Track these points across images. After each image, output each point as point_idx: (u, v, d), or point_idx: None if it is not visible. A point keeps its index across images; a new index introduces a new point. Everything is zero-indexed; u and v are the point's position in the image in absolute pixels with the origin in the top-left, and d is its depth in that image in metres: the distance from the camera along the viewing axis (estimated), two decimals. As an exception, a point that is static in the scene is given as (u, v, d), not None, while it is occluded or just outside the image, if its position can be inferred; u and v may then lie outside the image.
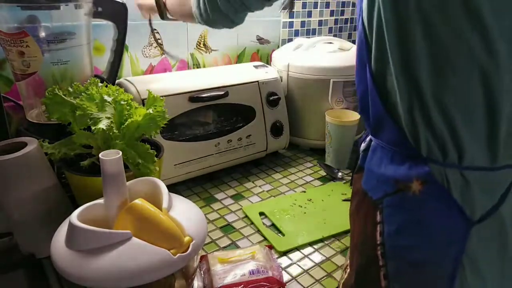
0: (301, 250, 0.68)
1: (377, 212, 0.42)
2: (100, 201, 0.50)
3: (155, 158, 0.57)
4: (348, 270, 0.49)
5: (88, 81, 0.60)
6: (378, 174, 0.42)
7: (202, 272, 0.60)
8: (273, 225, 0.75)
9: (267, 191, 0.87)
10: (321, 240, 0.71)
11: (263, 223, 0.75)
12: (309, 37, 1.28)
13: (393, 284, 0.42)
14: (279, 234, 0.72)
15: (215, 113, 0.90)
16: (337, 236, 0.72)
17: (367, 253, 0.43)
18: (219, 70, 1.00)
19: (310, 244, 0.70)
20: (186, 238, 0.46)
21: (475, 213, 0.38)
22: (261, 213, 0.78)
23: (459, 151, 0.37)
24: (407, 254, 0.41)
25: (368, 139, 0.46)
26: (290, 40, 1.25)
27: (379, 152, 0.43)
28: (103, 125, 0.54)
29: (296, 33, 1.28)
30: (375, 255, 0.42)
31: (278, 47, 1.22)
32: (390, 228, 0.41)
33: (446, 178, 0.38)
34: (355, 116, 0.96)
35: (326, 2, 1.32)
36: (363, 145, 0.47)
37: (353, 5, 1.40)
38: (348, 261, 0.50)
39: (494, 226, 0.38)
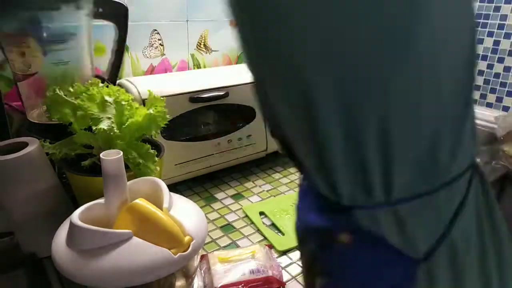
0: (301, 250, 0.68)
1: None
2: (101, 200, 0.50)
3: (156, 158, 0.58)
4: None
5: (89, 81, 0.60)
6: (307, 222, 0.37)
7: (202, 271, 0.60)
8: (273, 224, 0.75)
9: (267, 190, 0.87)
10: (321, 240, 0.71)
11: (263, 223, 0.75)
12: (309, 37, 1.28)
13: None
14: (279, 234, 0.72)
15: (216, 113, 0.90)
16: (337, 235, 0.72)
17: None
18: (220, 70, 1.00)
19: (310, 243, 0.70)
20: (187, 238, 0.46)
21: (419, 250, 0.31)
22: (261, 213, 0.78)
23: (385, 182, 0.28)
24: None
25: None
26: (290, 40, 1.25)
27: (309, 196, 0.37)
28: (104, 125, 0.54)
29: (296, 33, 1.28)
30: None
31: (278, 47, 1.22)
32: (325, 276, 0.35)
33: (377, 222, 0.30)
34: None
35: (326, 2, 1.32)
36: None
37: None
38: None
39: (444, 258, 0.31)
